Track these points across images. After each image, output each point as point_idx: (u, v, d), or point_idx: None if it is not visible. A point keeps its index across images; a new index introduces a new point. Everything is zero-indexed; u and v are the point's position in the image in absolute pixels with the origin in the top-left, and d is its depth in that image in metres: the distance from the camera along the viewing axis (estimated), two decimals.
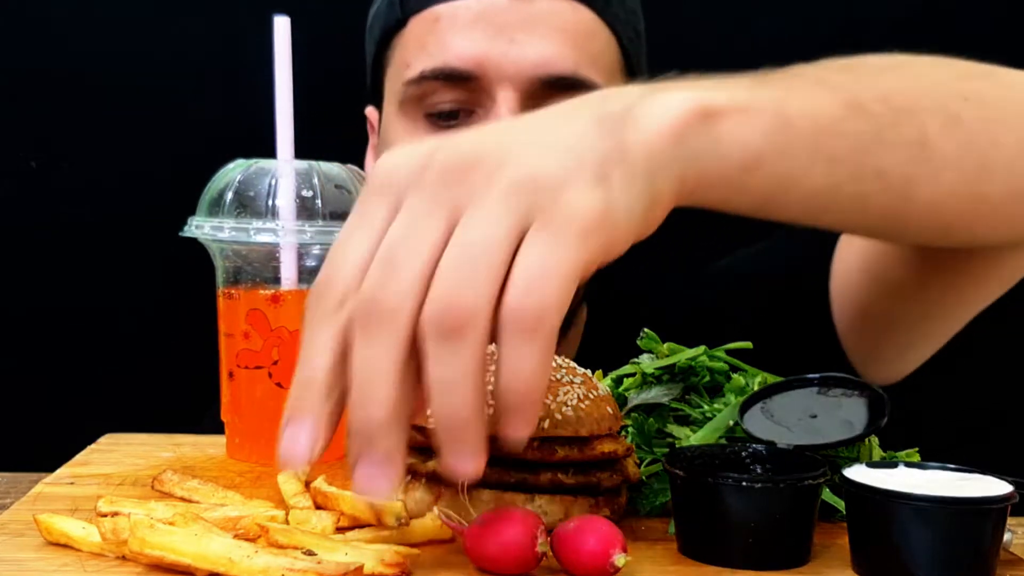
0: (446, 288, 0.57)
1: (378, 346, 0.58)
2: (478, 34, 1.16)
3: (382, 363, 0.58)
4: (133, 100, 1.68)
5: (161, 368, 1.68)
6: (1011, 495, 0.70)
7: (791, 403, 0.86)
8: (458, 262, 0.58)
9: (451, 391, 0.58)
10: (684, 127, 0.67)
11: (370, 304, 0.58)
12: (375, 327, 0.58)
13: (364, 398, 0.59)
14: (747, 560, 0.73)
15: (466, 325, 0.57)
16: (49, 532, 0.75)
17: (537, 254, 0.58)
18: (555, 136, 0.64)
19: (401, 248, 0.59)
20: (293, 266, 0.98)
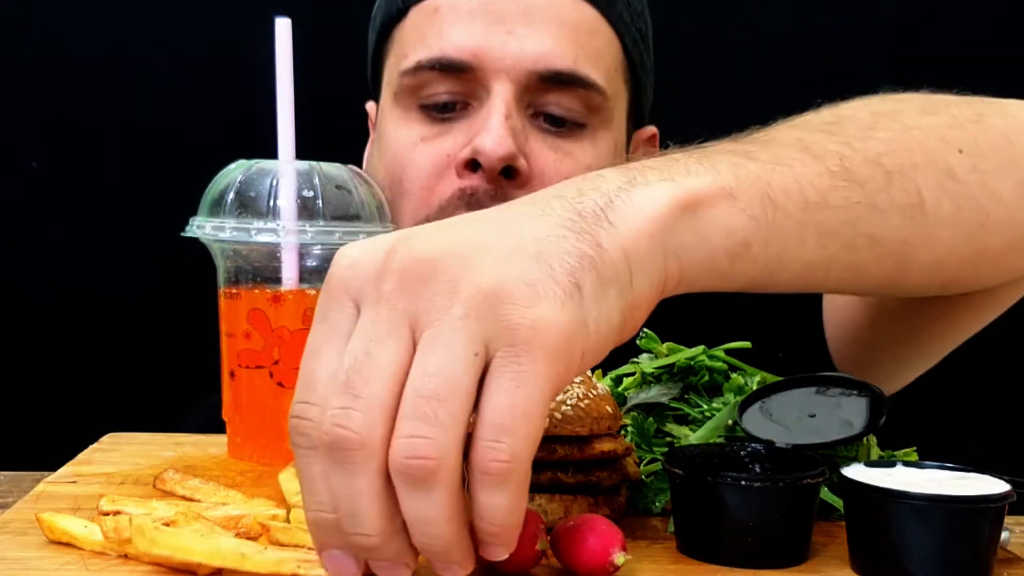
0: (409, 434, 0.55)
1: (353, 478, 0.57)
2: (476, 25, 1.14)
3: (362, 494, 0.57)
4: (134, 100, 1.68)
5: (162, 367, 1.69)
6: (1009, 494, 0.71)
7: (790, 402, 0.87)
8: (420, 407, 0.55)
9: (427, 527, 0.57)
10: (666, 222, 0.65)
11: (337, 440, 0.56)
12: (346, 462, 0.56)
13: (354, 526, 0.58)
14: (746, 559, 0.73)
15: (433, 475, 0.55)
16: (51, 531, 0.75)
17: (504, 394, 0.56)
18: (522, 238, 0.60)
19: (360, 375, 0.56)
20: (294, 266, 0.99)
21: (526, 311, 0.57)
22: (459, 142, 1.15)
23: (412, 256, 0.58)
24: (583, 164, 1.17)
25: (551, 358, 0.57)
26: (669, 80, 1.73)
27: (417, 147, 1.17)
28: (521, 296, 0.57)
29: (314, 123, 1.34)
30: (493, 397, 0.56)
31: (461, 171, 1.14)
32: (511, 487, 0.57)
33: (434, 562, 0.59)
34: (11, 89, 1.69)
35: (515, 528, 0.59)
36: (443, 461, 0.55)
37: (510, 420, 0.56)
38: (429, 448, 0.55)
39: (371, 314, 0.58)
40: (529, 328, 0.56)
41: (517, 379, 0.56)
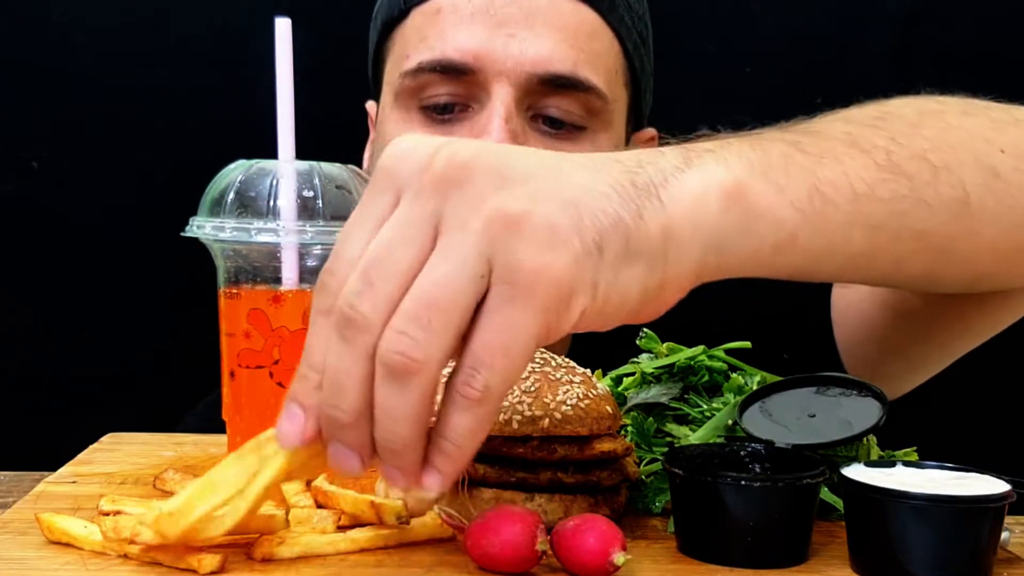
0: (401, 330, 0.58)
1: (347, 354, 0.60)
2: (478, 28, 1.14)
3: (350, 372, 0.60)
4: (134, 100, 1.68)
5: (163, 368, 1.69)
6: (1009, 494, 0.71)
7: (790, 402, 0.87)
8: (417, 310, 0.58)
9: (391, 422, 0.60)
10: (713, 210, 0.65)
11: (345, 317, 0.60)
12: (347, 339, 0.60)
13: (333, 398, 0.61)
14: (746, 559, 0.73)
15: (411, 374, 0.58)
16: (51, 531, 0.75)
17: (490, 330, 0.58)
18: (567, 183, 0.61)
19: (379, 267, 0.59)
20: (294, 266, 0.99)
21: (537, 253, 0.58)
22: None
23: (455, 159, 0.60)
24: None
25: (545, 307, 0.58)
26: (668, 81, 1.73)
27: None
28: (539, 235, 0.58)
29: (314, 123, 1.34)
30: (481, 329, 0.58)
31: None
32: (478, 414, 0.60)
33: (384, 463, 0.62)
34: (11, 89, 1.69)
35: (466, 454, 0.61)
36: (424, 366, 0.58)
37: (490, 356, 0.58)
38: (415, 350, 0.58)
39: (404, 209, 0.60)
40: (533, 271, 0.58)
41: (506, 319, 0.58)
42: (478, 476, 0.80)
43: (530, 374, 0.81)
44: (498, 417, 0.78)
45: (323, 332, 0.61)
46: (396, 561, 0.73)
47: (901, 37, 1.74)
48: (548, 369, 0.83)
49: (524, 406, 0.79)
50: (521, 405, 0.79)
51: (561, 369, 0.84)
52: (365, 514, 0.76)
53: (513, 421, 0.78)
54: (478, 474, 0.80)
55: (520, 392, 0.80)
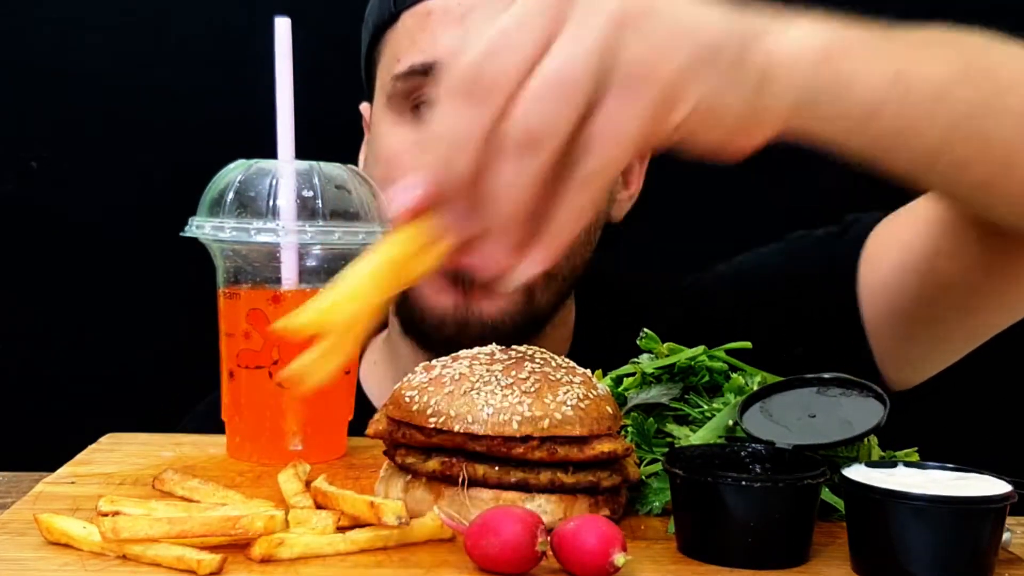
0: (530, 106, 0.62)
1: (470, 116, 0.63)
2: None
3: (472, 131, 0.63)
4: (134, 100, 1.68)
5: (162, 368, 1.69)
6: (1010, 495, 0.71)
7: (790, 403, 0.86)
8: (548, 87, 0.62)
9: (507, 190, 0.64)
10: (810, 63, 0.69)
11: (473, 76, 0.63)
12: (473, 98, 0.63)
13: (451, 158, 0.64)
14: (746, 559, 0.73)
15: (538, 143, 0.63)
16: (50, 531, 0.75)
17: (607, 115, 0.63)
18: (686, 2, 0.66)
19: (507, 40, 0.63)
20: (294, 266, 0.99)
21: (653, 51, 0.63)
22: None
23: None
24: None
25: (654, 102, 0.63)
26: None
27: (411, 151, 1.18)
28: (657, 36, 0.63)
29: (314, 123, 1.34)
30: (594, 117, 0.63)
31: None
32: (582, 199, 0.65)
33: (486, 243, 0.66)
34: (11, 89, 1.69)
35: (565, 239, 0.66)
36: (548, 140, 0.62)
37: (600, 142, 0.63)
38: (542, 123, 0.62)
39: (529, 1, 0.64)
40: (648, 67, 0.63)
41: (619, 108, 0.63)
42: (478, 476, 0.79)
43: (530, 374, 0.81)
44: (499, 417, 0.78)
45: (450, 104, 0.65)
46: (396, 561, 0.73)
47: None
48: (548, 369, 0.83)
49: (524, 406, 0.79)
50: (521, 405, 0.79)
51: (561, 369, 0.84)
52: (365, 515, 0.76)
53: (513, 421, 0.78)
54: (478, 474, 0.79)
55: (520, 392, 0.80)
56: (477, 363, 0.83)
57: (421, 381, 0.83)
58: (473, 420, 0.79)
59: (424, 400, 0.81)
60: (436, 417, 0.80)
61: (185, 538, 0.71)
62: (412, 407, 0.81)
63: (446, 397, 0.80)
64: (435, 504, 0.80)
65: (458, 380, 0.81)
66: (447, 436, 0.80)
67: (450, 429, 0.79)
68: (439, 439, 0.80)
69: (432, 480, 0.82)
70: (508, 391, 0.80)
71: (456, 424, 0.79)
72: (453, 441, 0.80)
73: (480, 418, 0.78)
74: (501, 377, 0.81)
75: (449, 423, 0.79)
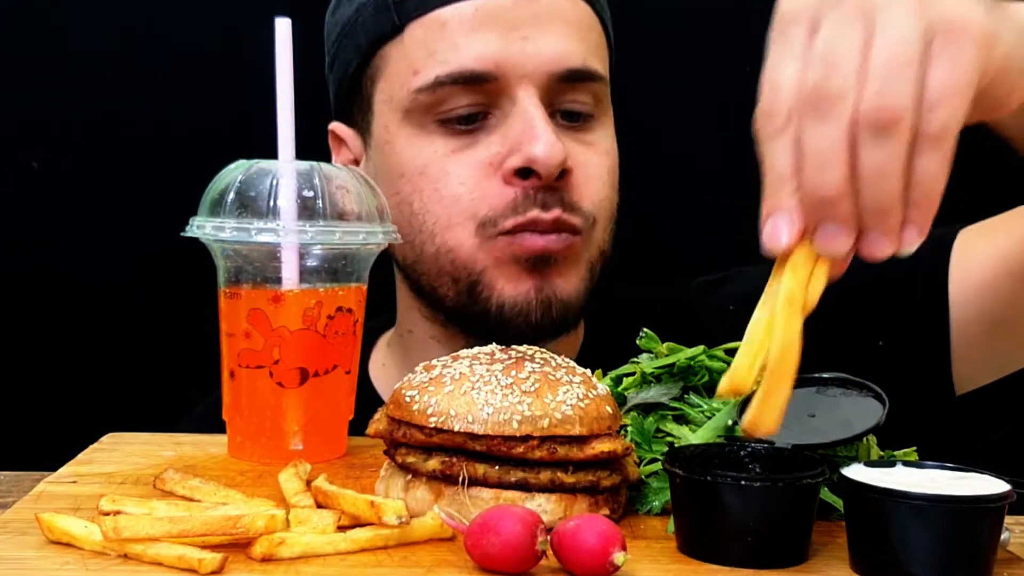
0: (878, 90, 0.68)
1: (826, 130, 0.69)
2: (491, 35, 1.15)
3: (833, 142, 0.69)
4: (134, 101, 1.68)
5: (163, 367, 1.69)
6: (1009, 494, 0.71)
7: (791, 402, 0.86)
8: (886, 70, 0.68)
9: (880, 179, 0.69)
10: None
11: (818, 95, 0.69)
12: (824, 112, 0.69)
13: (818, 177, 0.69)
14: (745, 559, 0.73)
15: (896, 123, 0.68)
16: (51, 531, 0.75)
17: (942, 72, 0.69)
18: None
19: (834, 52, 0.69)
20: (294, 266, 0.99)
21: (961, 7, 0.70)
22: (495, 151, 1.16)
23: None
24: (604, 151, 1.22)
25: (978, 44, 0.69)
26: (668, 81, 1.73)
27: (449, 159, 1.17)
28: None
29: (314, 123, 1.34)
30: (932, 76, 0.69)
31: (511, 179, 1.15)
32: (941, 153, 0.69)
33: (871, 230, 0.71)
34: (11, 89, 1.69)
35: (935, 201, 0.71)
36: (903, 113, 0.68)
37: (945, 95, 0.68)
38: (894, 98, 0.68)
39: (834, 16, 0.71)
40: (963, 18, 0.69)
41: (952, 59, 0.69)
42: (478, 476, 0.80)
43: (530, 374, 0.82)
44: (499, 417, 0.79)
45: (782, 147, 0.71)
46: (396, 561, 0.73)
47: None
48: (548, 369, 0.83)
49: (524, 406, 0.79)
50: (521, 405, 0.79)
51: (561, 369, 0.84)
52: (365, 514, 0.76)
53: (513, 421, 0.78)
54: (478, 474, 0.80)
55: (520, 392, 0.80)
56: (477, 363, 0.83)
57: (421, 381, 0.84)
58: (473, 420, 0.79)
59: (424, 400, 0.81)
60: (436, 416, 0.80)
61: (186, 537, 0.72)
62: (412, 406, 0.82)
63: (446, 396, 0.80)
64: (435, 503, 0.80)
65: (458, 380, 0.81)
66: (447, 435, 0.80)
67: (450, 428, 0.79)
68: (439, 438, 0.80)
69: (432, 479, 0.82)
70: (508, 391, 0.80)
71: (456, 423, 0.79)
72: (453, 440, 0.80)
73: (480, 417, 0.79)
74: (501, 377, 0.81)
75: (449, 422, 0.79)
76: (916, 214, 0.71)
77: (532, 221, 1.14)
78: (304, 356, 0.99)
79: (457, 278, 1.18)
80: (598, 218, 1.20)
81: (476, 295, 1.18)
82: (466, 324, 1.22)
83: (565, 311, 1.18)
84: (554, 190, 1.15)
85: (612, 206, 1.23)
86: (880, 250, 0.71)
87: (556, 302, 1.17)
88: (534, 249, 1.15)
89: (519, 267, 1.16)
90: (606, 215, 1.21)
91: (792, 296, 0.72)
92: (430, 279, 1.21)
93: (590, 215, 1.18)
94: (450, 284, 1.19)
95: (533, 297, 1.16)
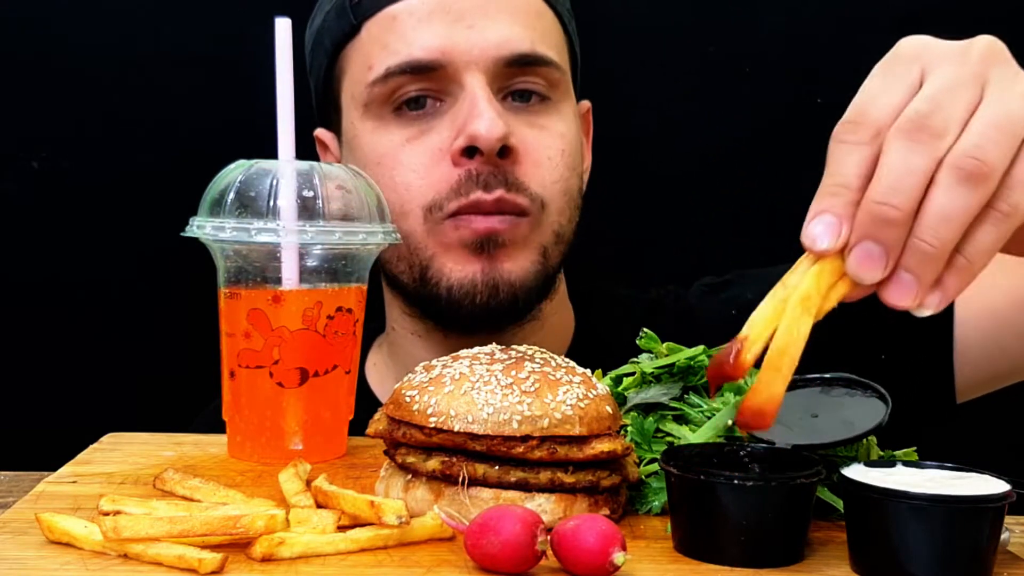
0: (977, 143, 0.69)
1: (916, 157, 0.69)
2: (437, 25, 1.19)
3: (917, 171, 0.69)
4: (134, 101, 1.68)
5: (163, 367, 1.69)
6: (1009, 494, 0.71)
7: (794, 402, 0.86)
8: (989, 129, 0.70)
9: (942, 223, 0.69)
10: None
11: (918, 124, 0.70)
12: (919, 141, 0.70)
13: (888, 197, 0.69)
14: (740, 558, 0.73)
15: (983, 179, 0.68)
16: (51, 531, 0.75)
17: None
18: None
19: (944, 96, 0.71)
20: (294, 266, 0.99)
21: None
22: (445, 135, 1.19)
23: (993, 43, 0.76)
24: (558, 133, 1.24)
25: None
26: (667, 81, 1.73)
27: (404, 147, 1.21)
28: None
29: (314, 123, 1.34)
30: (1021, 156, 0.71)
31: (458, 159, 1.17)
32: (1002, 230, 0.70)
33: (906, 270, 0.71)
34: (11, 90, 1.69)
35: (974, 274, 0.71)
36: (992, 172, 0.69)
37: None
38: (991, 157, 0.69)
39: (953, 68, 0.73)
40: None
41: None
42: (478, 476, 0.80)
43: (530, 374, 0.82)
44: (499, 417, 0.79)
45: (857, 157, 0.71)
46: (396, 561, 0.73)
47: (901, 37, 1.73)
48: (548, 369, 0.83)
49: (524, 406, 0.79)
50: (521, 405, 0.79)
51: (561, 369, 0.84)
52: (365, 514, 0.76)
53: (513, 421, 0.78)
54: (478, 473, 0.80)
55: (520, 392, 0.80)
56: (477, 363, 0.83)
57: (421, 381, 0.84)
58: (473, 419, 0.79)
59: (424, 400, 0.81)
60: (436, 416, 0.80)
61: (186, 537, 0.72)
62: (412, 407, 0.82)
63: (446, 396, 0.80)
64: (435, 503, 0.80)
65: (458, 380, 0.81)
66: (447, 435, 0.80)
67: (450, 428, 0.79)
68: (439, 438, 0.80)
69: (432, 479, 0.82)
70: (508, 391, 0.80)
71: (456, 423, 0.79)
72: (453, 440, 0.80)
73: (480, 417, 0.79)
74: (501, 377, 0.81)
75: (449, 422, 0.79)
76: (951, 279, 0.71)
77: (474, 203, 1.17)
78: (304, 356, 0.99)
79: (412, 263, 1.22)
80: (548, 200, 1.21)
81: (427, 279, 1.21)
82: (425, 308, 1.25)
83: (514, 293, 1.20)
84: (498, 171, 1.17)
85: (568, 189, 1.24)
86: (901, 297, 0.71)
87: (503, 284, 1.19)
88: (478, 231, 1.17)
89: (466, 250, 1.19)
90: (559, 198, 1.22)
91: (808, 297, 0.71)
92: (392, 266, 1.25)
93: (537, 196, 1.20)
94: (407, 270, 1.23)
95: (479, 280, 1.18)
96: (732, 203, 1.70)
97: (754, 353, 0.71)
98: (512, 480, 0.79)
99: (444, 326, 1.25)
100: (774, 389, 0.70)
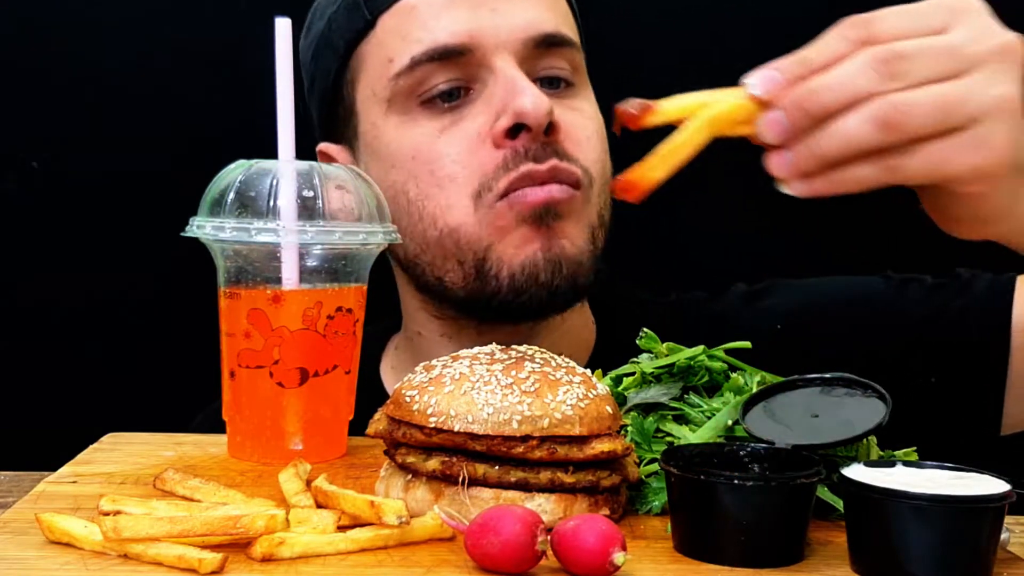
0: (918, 104, 0.76)
1: (865, 79, 0.76)
2: (459, 10, 1.16)
3: (858, 88, 0.76)
4: (135, 100, 1.68)
5: (163, 367, 1.69)
6: (1009, 494, 0.71)
7: (794, 402, 0.86)
8: (941, 104, 0.76)
9: (844, 142, 0.77)
10: None
11: (890, 58, 0.76)
12: (875, 71, 0.76)
13: (826, 89, 0.77)
14: (739, 558, 0.73)
15: (896, 132, 0.76)
16: (51, 531, 0.75)
17: (987, 87, 0.77)
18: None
19: (934, 54, 0.77)
20: (294, 266, 0.99)
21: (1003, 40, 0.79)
22: (482, 120, 1.15)
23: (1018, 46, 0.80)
24: (589, 115, 1.22)
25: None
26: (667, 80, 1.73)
27: (439, 139, 1.17)
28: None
29: (314, 131, 1.34)
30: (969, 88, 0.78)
31: (501, 140, 1.14)
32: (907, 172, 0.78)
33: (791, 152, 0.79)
34: (12, 90, 1.69)
35: (856, 187, 0.80)
36: (906, 134, 0.76)
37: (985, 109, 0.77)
38: (916, 123, 0.76)
39: (967, 35, 0.78)
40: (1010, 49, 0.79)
41: (995, 74, 0.77)
42: (478, 476, 0.80)
43: (530, 374, 0.82)
44: (499, 417, 0.79)
45: (833, 44, 0.79)
46: (396, 561, 0.73)
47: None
48: (548, 369, 0.83)
49: (524, 406, 0.79)
50: (521, 405, 0.79)
51: (561, 369, 0.84)
52: (365, 514, 0.76)
53: (513, 421, 0.78)
54: (478, 473, 0.80)
55: (520, 392, 0.80)
56: (477, 363, 0.83)
57: (421, 381, 0.84)
58: (473, 419, 0.79)
59: (424, 399, 0.81)
60: (436, 416, 0.80)
61: (186, 537, 0.72)
62: (412, 406, 0.82)
63: (446, 396, 0.80)
64: (435, 503, 0.80)
65: (458, 380, 0.81)
66: (447, 435, 0.80)
67: (450, 428, 0.79)
68: (439, 438, 0.80)
69: (432, 479, 0.82)
70: (508, 391, 0.80)
71: (456, 423, 0.79)
72: (453, 440, 0.80)
73: (480, 417, 0.79)
74: (501, 377, 0.81)
75: (449, 422, 0.79)
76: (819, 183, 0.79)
77: (527, 175, 1.13)
78: (304, 356, 0.99)
79: (463, 260, 1.16)
80: (595, 177, 1.18)
81: (485, 273, 1.15)
82: (478, 310, 1.20)
83: (575, 271, 1.16)
84: (546, 144, 1.14)
85: (605, 172, 1.21)
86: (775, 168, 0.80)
87: (565, 260, 1.15)
88: (536, 202, 1.13)
89: (524, 228, 1.14)
90: (601, 178, 1.19)
91: (719, 119, 0.82)
92: (435, 269, 1.19)
93: (587, 170, 1.17)
94: (457, 268, 1.17)
95: (541, 257, 1.14)
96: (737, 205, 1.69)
97: (654, 122, 0.82)
98: (512, 480, 0.79)
99: (496, 319, 1.20)
100: (654, 174, 0.82)
